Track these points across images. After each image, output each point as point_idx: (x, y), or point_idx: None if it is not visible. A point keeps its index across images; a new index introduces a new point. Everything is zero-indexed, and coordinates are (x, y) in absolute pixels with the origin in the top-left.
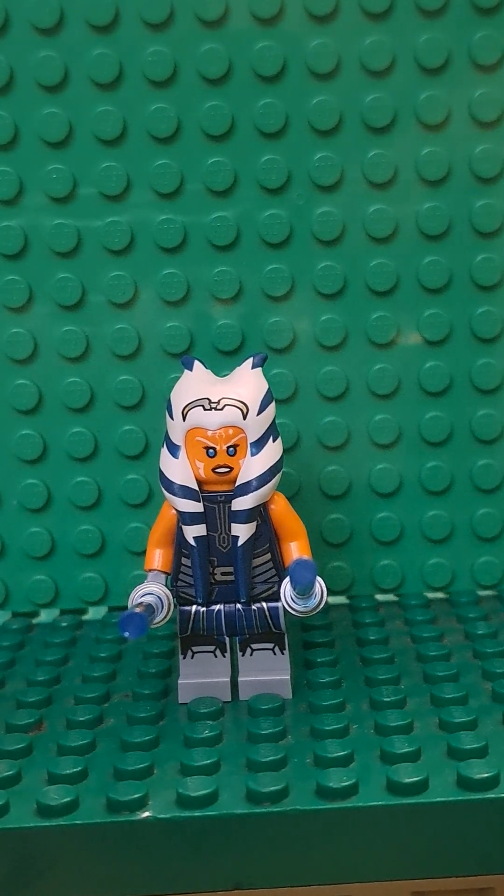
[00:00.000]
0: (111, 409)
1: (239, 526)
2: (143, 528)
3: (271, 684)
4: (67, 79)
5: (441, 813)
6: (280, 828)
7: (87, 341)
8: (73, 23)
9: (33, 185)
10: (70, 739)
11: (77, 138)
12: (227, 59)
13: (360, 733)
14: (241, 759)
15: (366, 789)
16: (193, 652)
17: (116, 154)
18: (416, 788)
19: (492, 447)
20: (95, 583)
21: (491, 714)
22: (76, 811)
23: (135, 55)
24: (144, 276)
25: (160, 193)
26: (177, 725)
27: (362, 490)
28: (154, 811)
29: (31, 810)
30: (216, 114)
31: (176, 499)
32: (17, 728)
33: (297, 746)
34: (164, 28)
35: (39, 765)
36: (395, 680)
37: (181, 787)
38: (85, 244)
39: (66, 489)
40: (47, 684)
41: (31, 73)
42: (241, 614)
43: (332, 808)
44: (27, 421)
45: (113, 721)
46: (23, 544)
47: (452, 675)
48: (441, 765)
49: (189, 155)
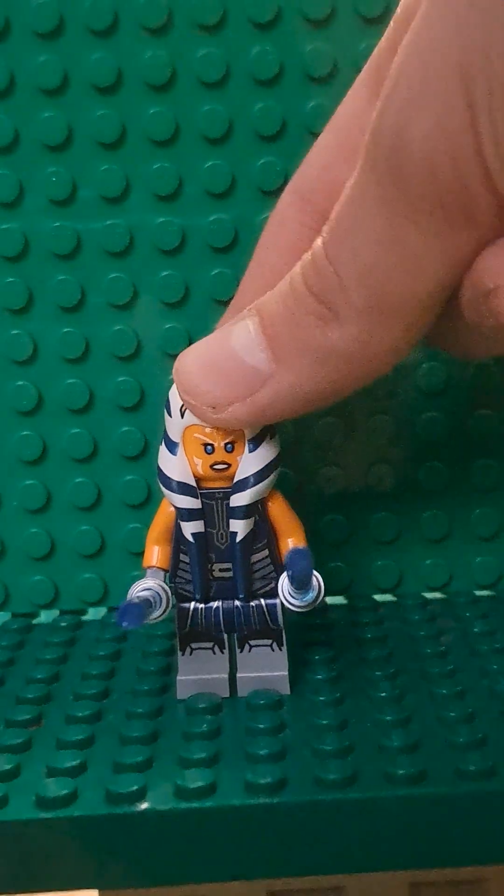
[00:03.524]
0: (110, 410)
1: (237, 522)
2: (143, 528)
3: (269, 680)
4: (67, 82)
5: (438, 804)
6: (278, 819)
7: (87, 343)
8: (72, 27)
9: (33, 188)
10: (69, 734)
11: (76, 141)
12: (224, 62)
13: (358, 727)
14: (240, 753)
15: (363, 780)
16: (192, 648)
17: (115, 157)
18: (412, 780)
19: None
20: (95, 583)
21: (488, 709)
22: (75, 803)
23: (134, 59)
24: (143, 277)
25: (159, 196)
26: (175, 720)
27: (361, 490)
28: (152, 803)
29: (31, 802)
30: (214, 117)
31: (174, 495)
32: (17, 723)
33: (295, 740)
34: (162, 32)
35: (38, 759)
36: (392, 675)
37: (179, 778)
38: (84, 246)
39: (65, 490)
40: (46, 682)
41: (30, 76)
42: (240, 611)
43: (328, 799)
44: (27, 422)
45: (112, 717)
46: (22, 545)
47: (449, 671)
48: (438, 757)
49: (188, 158)
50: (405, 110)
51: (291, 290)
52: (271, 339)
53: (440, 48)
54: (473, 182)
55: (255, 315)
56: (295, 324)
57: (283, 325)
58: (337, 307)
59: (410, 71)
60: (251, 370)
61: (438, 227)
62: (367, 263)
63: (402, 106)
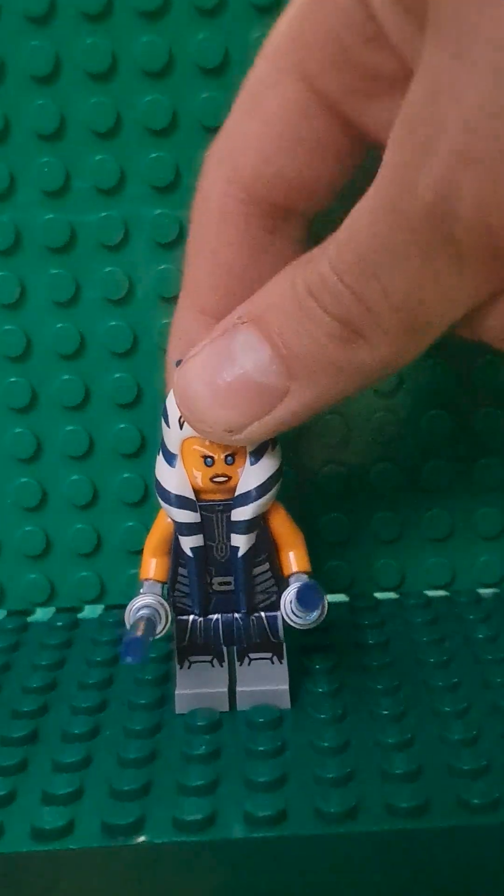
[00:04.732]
0: (106, 406)
1: (239, 536)
2: (139, 526)
3: (269, 694)
4: (59, 69)
5: (440, 836)
6: (277, 852)
7: (82, 338)
8: (65, 12)
9: (25, 179)
10: (65, 755)
11: (70, 130)
12: (222, 47)
13: (360, 749)
14: (239, 779)
15: (364, 812)
16: (190, 662)
17: (110, 146)
18: (415, 812)
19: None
20: (91, 581)
21: (492, 726)
22: (71, 835)
23: (129, 44)
24: (139, 271)
25: (155, 187)
26: (174, 739)
27: (362, 488)
28: (149, 835)
29: (26, 833)
30: (213, 105)
31: (172, 509)
32: (13, 741)
33: (296, 764)
34: (158, 17)
35: (34, 782)
36: (394, 690)
37: (177, 809)
38: (78, 239)
39: (61, 488)
40: (42, 691)
41: (21, 62)
42: (240, 623)
43: (329, 834)
44: (21, 419)
45: (109, 733)
46: (18, 543)
47: (453, 684)
48: (441, 785)
49: (185, 147)
50: (450, 173)
51: (302, 310)
52: (285, 358)
53: (489, 102)
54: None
55: (253, 327)
56: (314, 343)
57: (298, 344)
58: (364, 331)
59: (448, 124)
60: (266, 389)
61: (484, 270)
62: (399, 298)
63: (445, 167)
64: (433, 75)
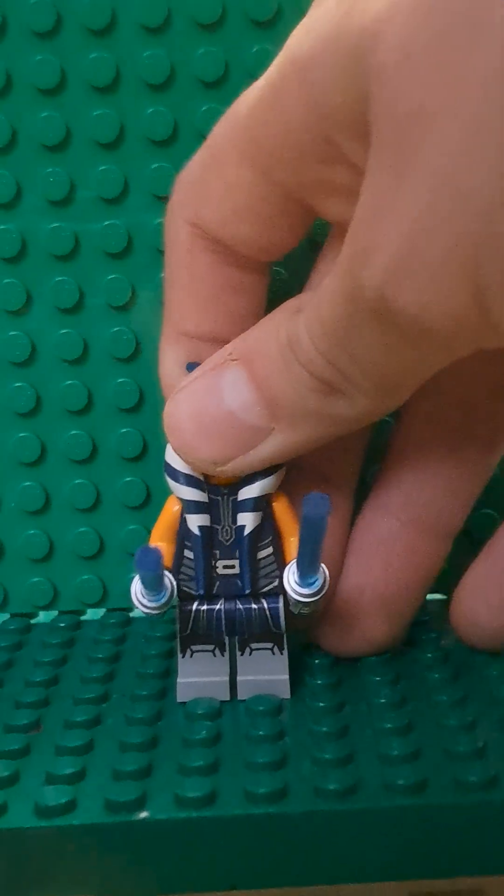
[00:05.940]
0: (109, 411)
1: (246, 514)
2: (142, 530)
3: (270, 684)
4: (64, 82)
5: (438, 814)
6: (277, 829)
7: (86, 344)
8: (70, 27)
9: (30, 189)
10: (68, 740)
11: (74, 141)
12: (223, 61)
13: (358, 735)
14: (240, 760)
15: (362, 790)
16: (192, 651)
17: (114, 157)
18: (412, 790)
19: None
20: (94, 585)
21: (488, 714)
22: (74, 811)
23: (132, 58)
24: (142, 278)
25: (158, 196)
26: (175, 726)
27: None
28: (152, 812)
29: (30, 810)
30: (213, 117)
31: (180, 487)
32: (16, 728)
33: (295, 747)
34: (160, 32)
35: (37, 765)
36: (393, 681)
37: (179, 787)
38: (83, 247)
39: (64, 491)
40: (45, 685)
41: (27, 75)
42: (242, 613)
43: (330, 810)
44: (25, 423)
45: (111, 721)
46: (21, 546)
47: (450, 676)
48: (438, 766)
49: (186, 158)
50: (387, 283)
51: (284, 360)
52: (269, 401)
53: (425, 218)
54: (479, 329)
55: (241, 367)
56: (295, 392)
57: (281, 391)
58: (341, 389)
59: (388, 240)
60: (249, 428)
61: (441, 347)
62: (367, 366)
63: (382, 277)
64: (376, 192)
